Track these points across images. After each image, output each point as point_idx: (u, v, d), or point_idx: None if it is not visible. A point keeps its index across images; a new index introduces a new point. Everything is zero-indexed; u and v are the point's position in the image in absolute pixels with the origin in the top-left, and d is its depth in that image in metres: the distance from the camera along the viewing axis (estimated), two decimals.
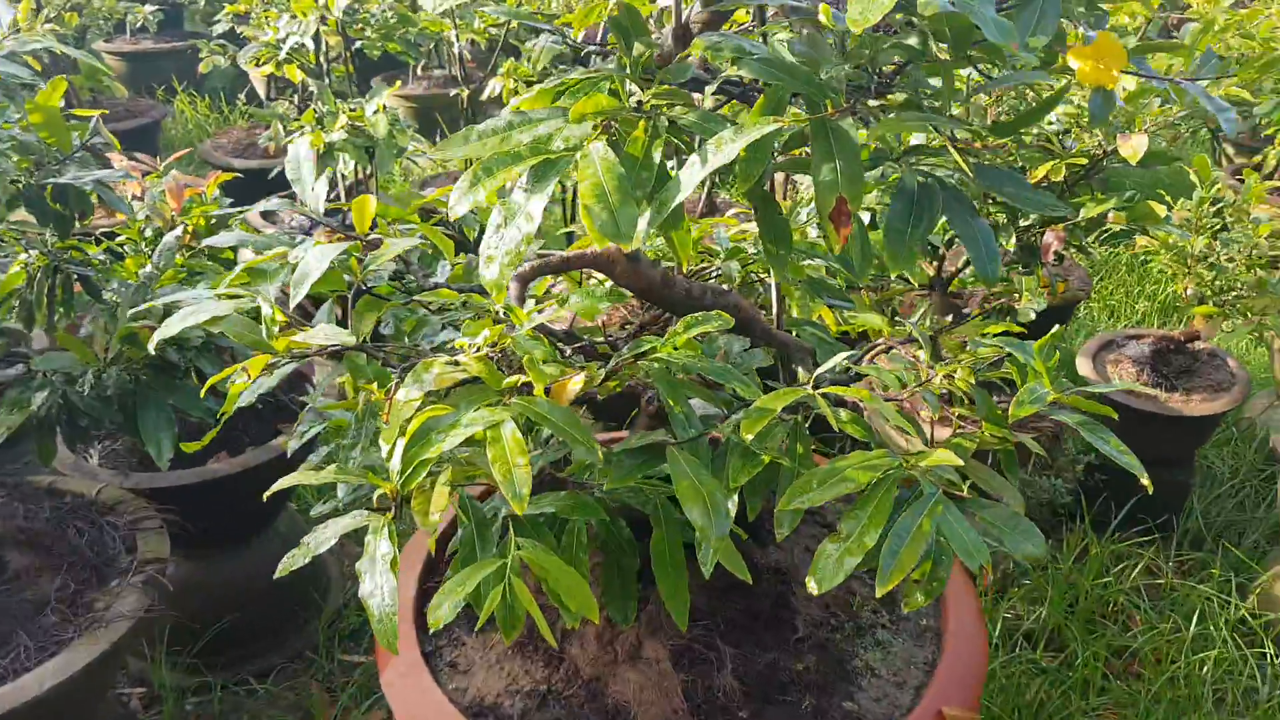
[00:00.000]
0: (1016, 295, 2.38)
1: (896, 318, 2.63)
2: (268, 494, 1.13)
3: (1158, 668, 2.31)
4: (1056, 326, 1.48)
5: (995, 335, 2.36)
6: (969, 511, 1.18)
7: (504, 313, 1.19)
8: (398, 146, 3.17)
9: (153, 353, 1.30)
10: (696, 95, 1.25)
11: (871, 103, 1.03)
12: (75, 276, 1.86)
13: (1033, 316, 2.79)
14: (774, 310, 1.60)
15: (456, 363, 1.14)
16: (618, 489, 1.25)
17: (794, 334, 1.56)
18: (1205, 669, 2.25)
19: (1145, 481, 1.30)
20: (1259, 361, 3.56)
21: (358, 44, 3.29)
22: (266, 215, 3.98)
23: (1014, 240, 2.29)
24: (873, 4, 0.88)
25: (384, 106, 3.09)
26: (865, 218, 1.90)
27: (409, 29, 3.25)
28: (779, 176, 3.25)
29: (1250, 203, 2.82)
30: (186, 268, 2.14)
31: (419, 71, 4.95)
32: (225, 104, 5.98)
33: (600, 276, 1.61)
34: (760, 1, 1.12)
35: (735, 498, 1.19)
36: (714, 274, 1.69)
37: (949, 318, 2.52)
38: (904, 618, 1.59)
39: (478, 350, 1.13)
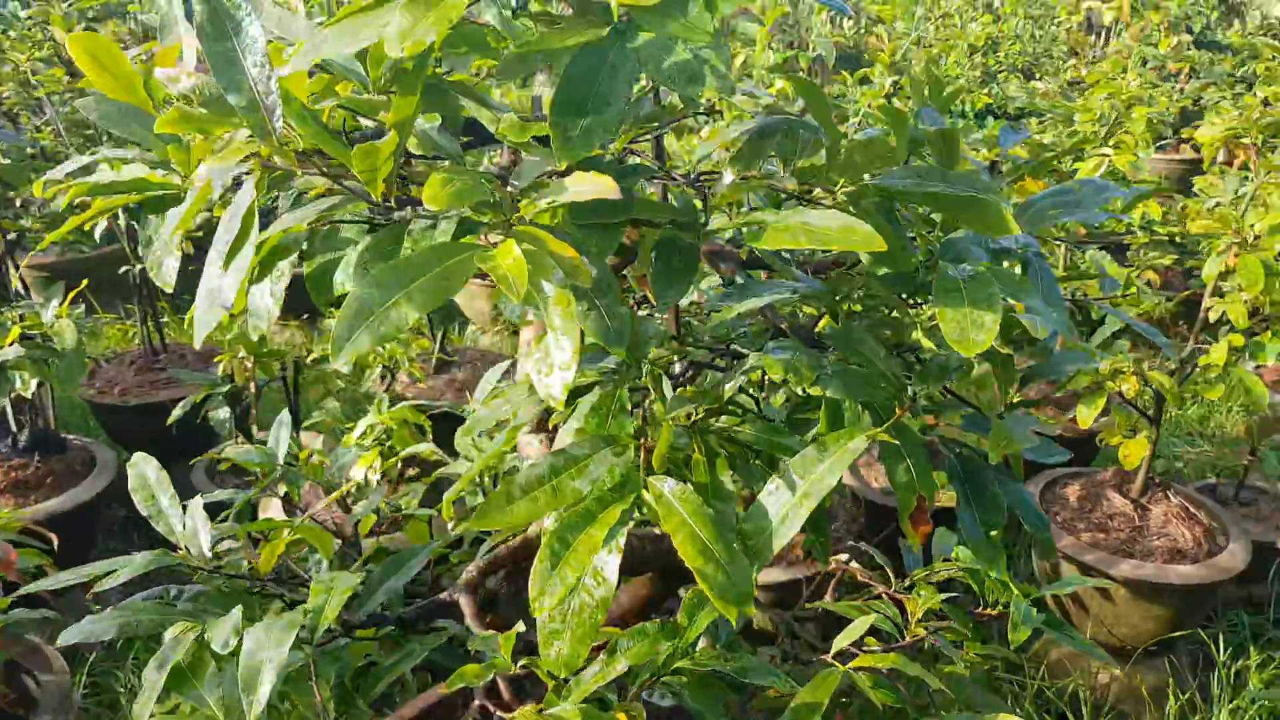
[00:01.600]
0: None
1: None
2: None
3: None
4: None
5: None
6: None
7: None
8: (86, 355, 2.69)
9: None
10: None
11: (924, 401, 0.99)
12: None
13: None
14: None
15: None
16: None
17: None
18: None
19: (1116, 670, 1.36)
20: None
21: (12, 235, 2.76)
22: None
23: None
24: (979, 328, 0.85)
25: (66, 310, 2.62)
26: None
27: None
28: None
29: None
30: None
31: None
32: None
33: None
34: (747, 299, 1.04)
35: None
36: None
37: None
38: None
39: None
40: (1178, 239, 3.48)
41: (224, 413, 3.05)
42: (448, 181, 0.74)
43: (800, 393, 1.04)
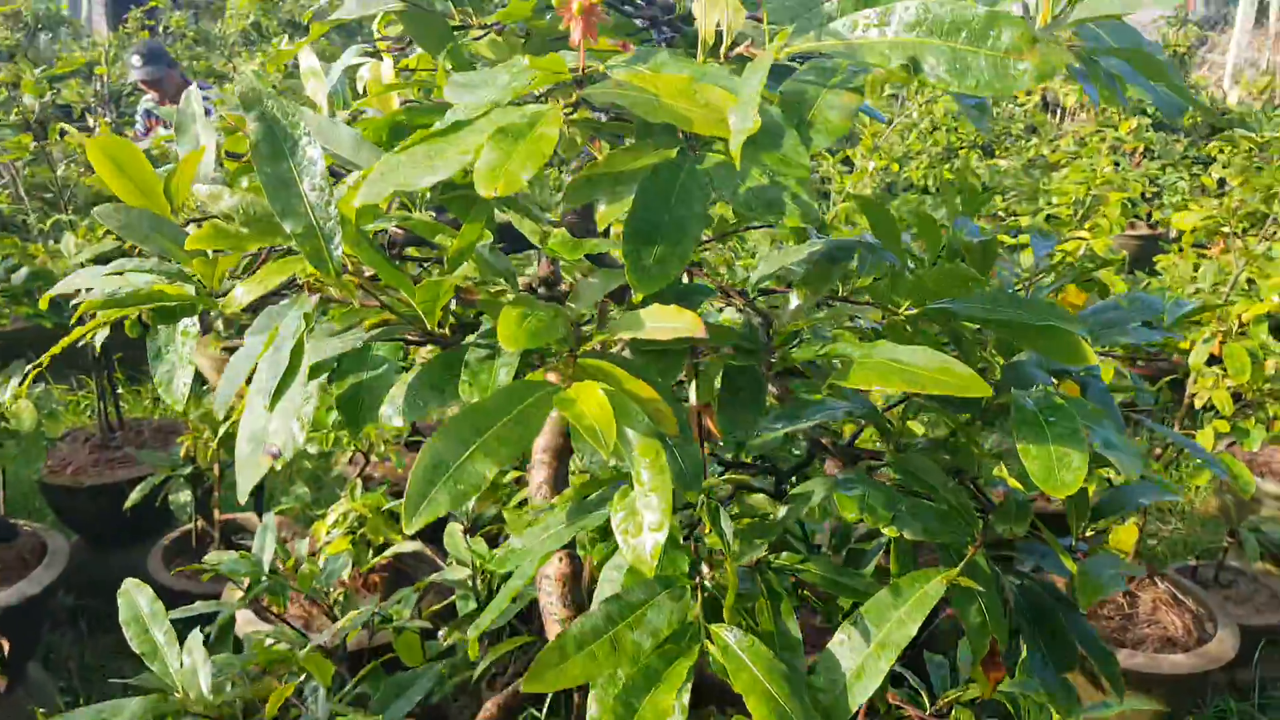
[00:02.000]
0: None
1: None
2: None
3: None
4: None
5: None
6: None
7: None
8: (46, 438, 2.57)
9: None
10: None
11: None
12: None
13: None
14: None
15: None
16: None
17: None
18: None
19: None
20: None
21: None
22: None
23: None
24: (1066, 467, 0.80)
25: (24, 391, 2.49)
26: None
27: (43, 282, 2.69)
28: None
29: None
30: None
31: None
32: None
33: None
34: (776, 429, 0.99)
35: None
36: None
37: None
38: None
39: None
40: None
41: (185, 496, 2.91)
42: (523, 318, 0.68)
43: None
